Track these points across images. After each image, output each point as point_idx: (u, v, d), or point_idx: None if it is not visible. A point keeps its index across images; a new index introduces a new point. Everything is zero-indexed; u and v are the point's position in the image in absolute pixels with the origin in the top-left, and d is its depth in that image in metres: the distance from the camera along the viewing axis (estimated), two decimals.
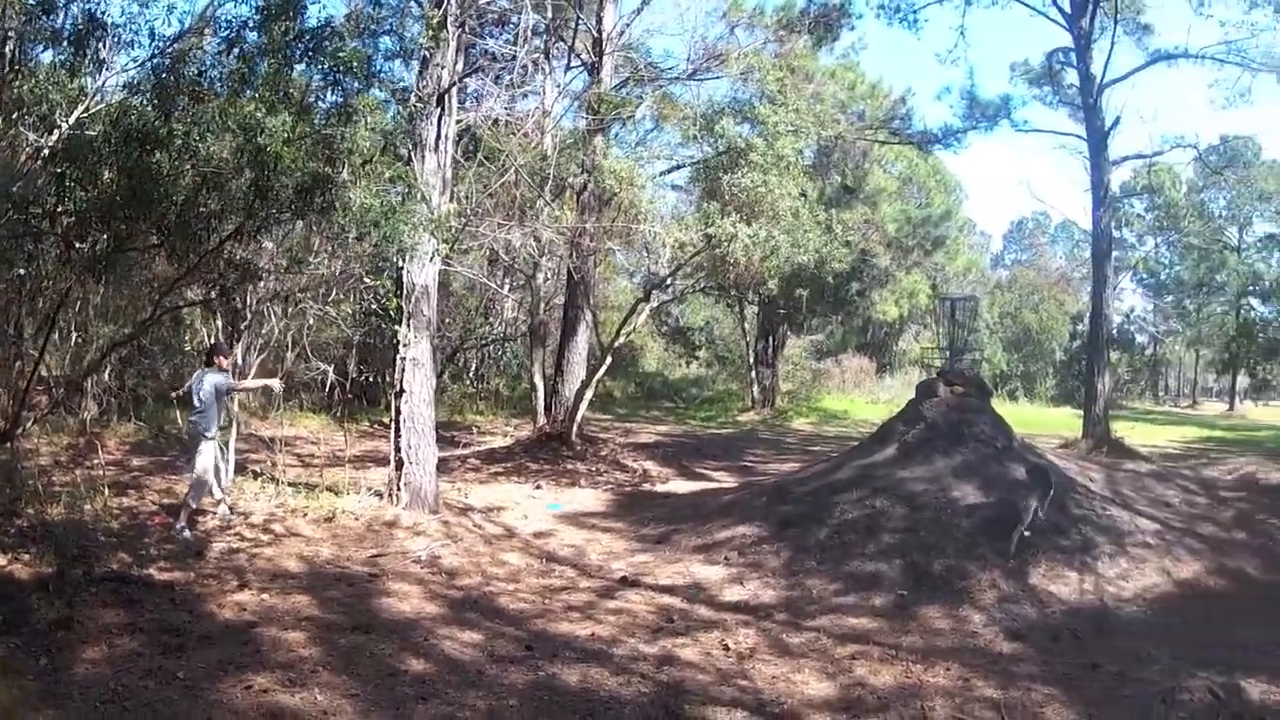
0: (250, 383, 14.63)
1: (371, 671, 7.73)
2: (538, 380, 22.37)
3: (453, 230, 13.94)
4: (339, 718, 6.84)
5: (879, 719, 7.53)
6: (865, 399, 43.68)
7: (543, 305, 23.68)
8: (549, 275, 24.32)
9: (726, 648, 8.97)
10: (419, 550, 11.87)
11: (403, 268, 13.76)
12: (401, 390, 13.71)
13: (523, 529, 13.91)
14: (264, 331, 14.94)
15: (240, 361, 14.54)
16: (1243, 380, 67.56)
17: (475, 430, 24.11)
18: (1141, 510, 13.50)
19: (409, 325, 13.67)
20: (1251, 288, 58.90)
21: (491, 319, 32.22)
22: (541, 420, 22.07)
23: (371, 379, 23.79)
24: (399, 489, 13.53)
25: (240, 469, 14.38)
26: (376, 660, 8.01)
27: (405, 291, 13.72)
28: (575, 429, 20.95)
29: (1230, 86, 29.93)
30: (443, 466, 16.64)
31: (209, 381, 12.37)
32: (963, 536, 11.88)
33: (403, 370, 13.71)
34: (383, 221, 10.66)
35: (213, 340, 14.54)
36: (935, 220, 45.14)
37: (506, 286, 28.02)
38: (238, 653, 7.82)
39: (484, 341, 33.30)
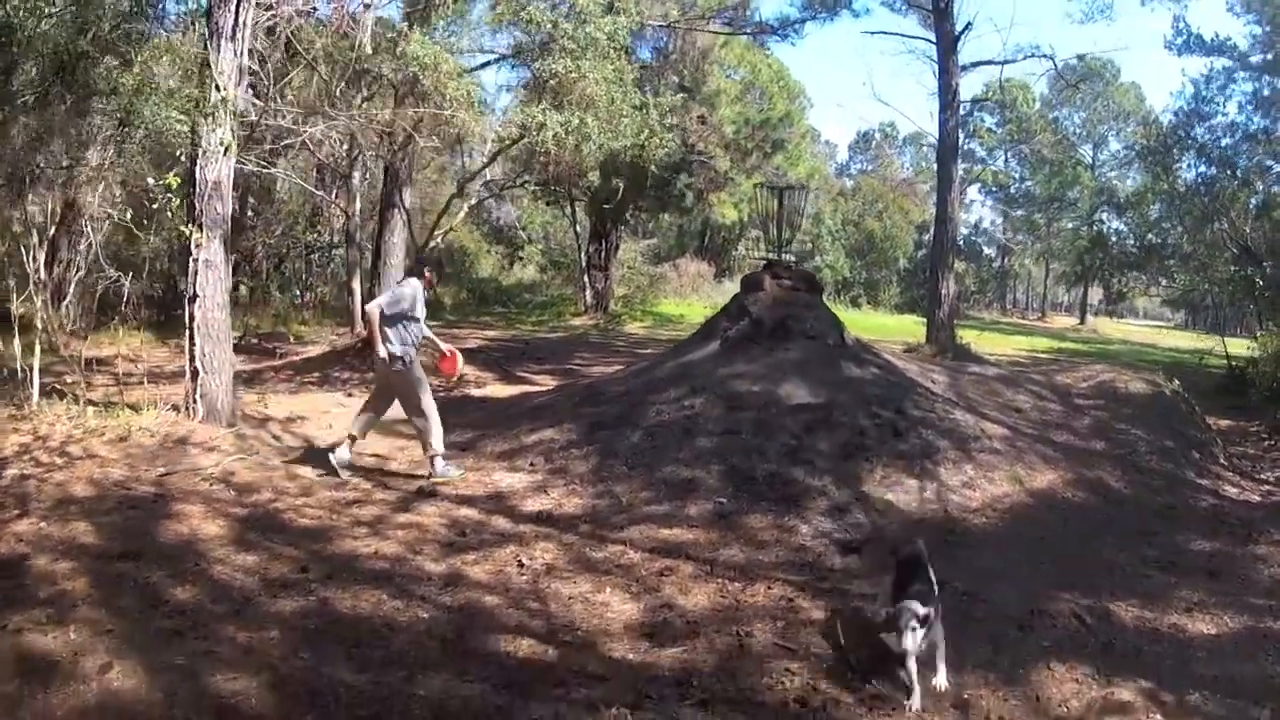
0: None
1: (133, 604, 6.95)
2: (355, 284, 21.43)
3: (247, 121, 13.08)
4: (89, 658, 6.04)
5: (686, 647, 6.78)
6: (703, 303, 43.42)
7: (358, 206, 22.62)
8: (367, 175, 23.42)
9: (521, 564, 8.22)
10: (210, 466, 10.96)
11: (195, 164, 12.63)
12: (195, 295, 12.68)
13: (325, 439, 12.94)
14: (81, 248, 13.83)
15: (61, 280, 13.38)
16: (1094, 295, 68.81)
17: (292, 340, 23.12)
18: (989, 415, 12.99)
19: (200, 225, 12.58)
20: (1105, 204, 59.70)
21: (320, 227, 31.13)
22: (359, 327, 21.08)
23: None
24: (195, 401, 12.61)
25: (47, 392, 13.12)
26: (141, 590, 7.21)
27: (197, 190, 12.64)
28: None
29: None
30: (256, 378, 16.36)
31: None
32: (789, 439, 11.09)
33: (195, 273, 12.66)
34: (137, 102, 9.72)
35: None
36: (775, 123, 44.62)
37: (334, 192, 26.78)
38: (4, 589, 7.02)
39: (310, 249, 32.23)
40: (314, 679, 6.04)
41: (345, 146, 20.14)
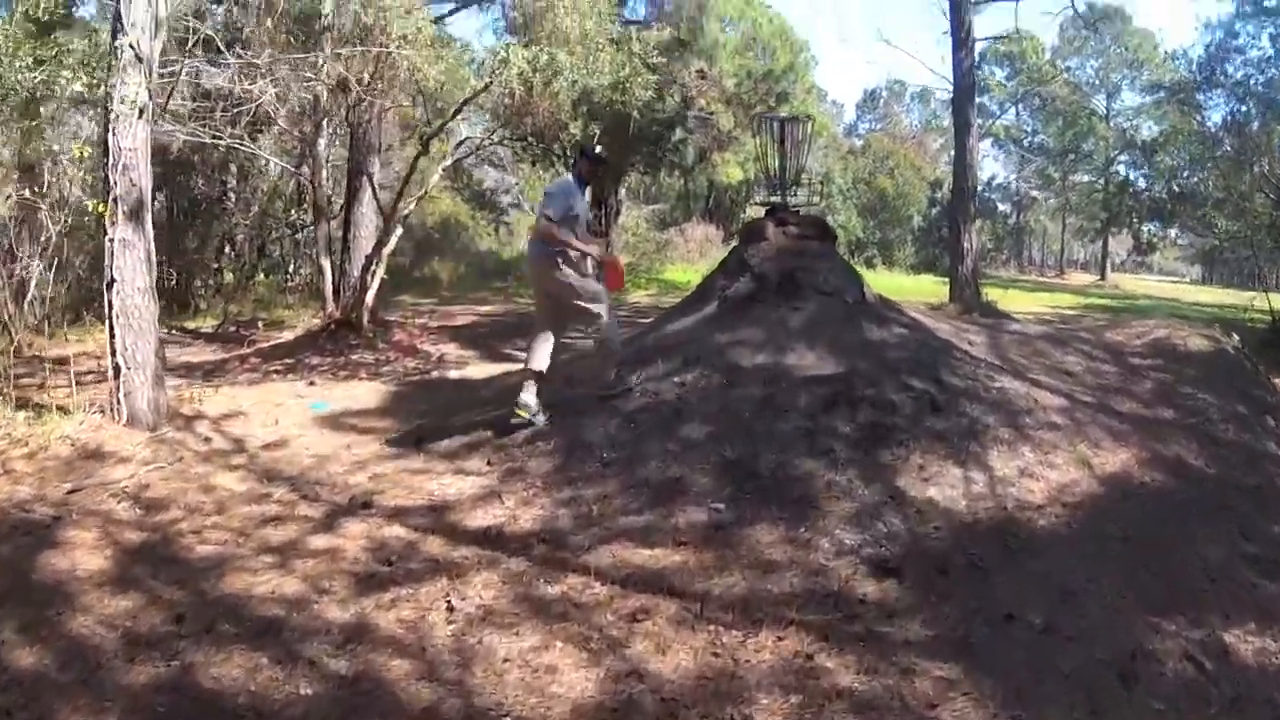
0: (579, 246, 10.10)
1: None
2: (324, 262, 19.84)
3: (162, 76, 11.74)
4: None
5: None
6: (711, 268, 42.34)
7: (326, 175, 21.13)
8: (334, 142, 22.06)
9: (450, 608, 6.40)
10: (123, 480, 9.43)
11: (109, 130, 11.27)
12: (112, 279, 11.17)
13: (259, 439, 11.33)
14: (43, 239, 13.16)
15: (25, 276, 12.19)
16: (1114, 250, 68.15)
17: (261, 326, 21.82)
18: (1041, 381, 10.85)
19: (115, 200, 11.14)
20: (1123, 156, 58.76)
21: (306, 204, 29.79)
22: (331, 307, 19.59)
23: (176, 278, 21.78)
24: (119, 402, 11.11)
25: None
26: None
27: (110, 159, 11.22)
28: (367, 314, 18.56)
29: None
30: (220, 369, 15.20)
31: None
32: (802, 421, 9.08)
33: (111, 254, 11.17)
34: None
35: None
36: (778, 75, 43.90)
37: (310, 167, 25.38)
38: None
39: (295, 229, 30.95)
40: None
41: (306, 111, 18.67)
